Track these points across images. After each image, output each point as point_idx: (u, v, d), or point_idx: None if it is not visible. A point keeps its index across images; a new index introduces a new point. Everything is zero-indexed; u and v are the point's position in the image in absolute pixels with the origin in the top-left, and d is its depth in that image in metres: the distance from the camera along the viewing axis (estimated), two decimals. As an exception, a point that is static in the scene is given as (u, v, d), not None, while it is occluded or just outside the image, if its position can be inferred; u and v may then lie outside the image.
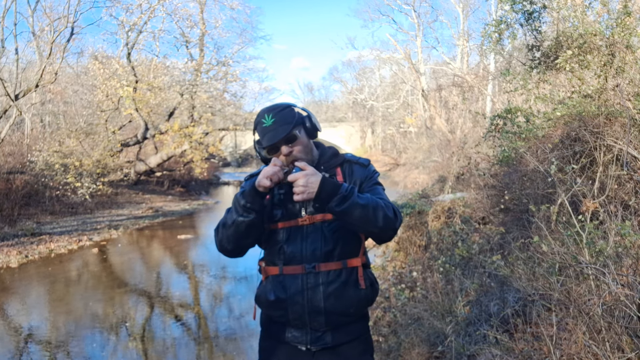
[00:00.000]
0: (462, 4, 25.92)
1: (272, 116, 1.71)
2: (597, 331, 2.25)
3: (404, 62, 28.12)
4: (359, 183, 1.81)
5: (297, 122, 1.75)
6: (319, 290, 1.72)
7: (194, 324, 6.35)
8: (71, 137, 16.57)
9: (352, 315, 1.78)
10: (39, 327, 5.98)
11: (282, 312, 1.78)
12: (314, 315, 1.73)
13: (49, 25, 14.28)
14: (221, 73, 21.00)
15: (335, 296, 1.73)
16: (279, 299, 1.77)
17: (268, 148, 1.73)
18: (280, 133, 1.69)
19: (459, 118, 16.60)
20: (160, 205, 17.92)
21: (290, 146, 1.73)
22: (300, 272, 1.74)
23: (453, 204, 7.64)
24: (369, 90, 43.20)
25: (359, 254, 1.80)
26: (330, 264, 1.74)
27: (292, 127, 1.71)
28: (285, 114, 1.74)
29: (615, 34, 4.88)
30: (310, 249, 1.74)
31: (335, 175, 1.81)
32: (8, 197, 12.83)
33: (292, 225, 1.77)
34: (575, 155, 4.30)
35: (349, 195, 1.57)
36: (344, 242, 1.75)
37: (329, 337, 1.76)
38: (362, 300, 1.78)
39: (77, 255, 10.09)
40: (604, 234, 2.96)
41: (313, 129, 1.79)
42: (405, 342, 3.85)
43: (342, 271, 1.75)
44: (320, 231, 1.75)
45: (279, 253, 1.79)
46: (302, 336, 1.77)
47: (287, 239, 1.77)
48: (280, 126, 1.70)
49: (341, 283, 1.74)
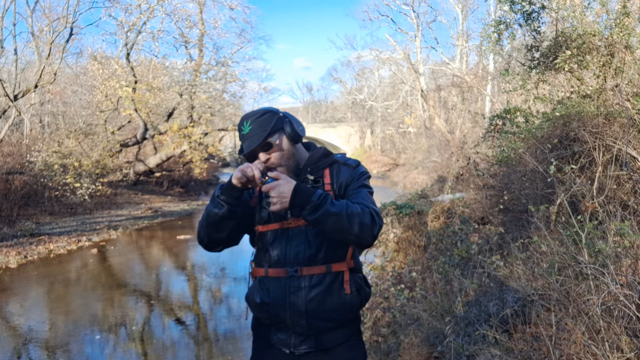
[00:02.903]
0: (461, 4, 25.94)
1: (250, 123, 1.71)
2: (596, 331, 2.25)
3: (403, 62, 28.14)
4: (344, 185, 1.78)
5: (275, 128, 1.72)
6: (300, 294, 1.71)
7: (193, 324, 6.35)
8: (70, 138, 16.56)
9: (336, 321, 1.76)
10: (38, 327, 5.97)
11: (266, 315, 1.78)
12: (296, 319, 1.72)
13: (48, 25, 14.29)
14: (220, 73, 20.98)
15: (318, 301, 1.71)
16: (263, 301, 1.77)
17: (247, 155, 1.73)
18: (255, 141, 1.69)
19: (458, 118, 16.60)
20: (159, 205, 17.91)
21: (267, 153, 1.72)
22: (283, 275, 1.73)
23: (452, 204, 7.64)
24: (368, 90, 43.22)
25: (346, 258, 1.77)
26: (313, 267, 1.72)
27: (267, 134, 1.70)
28: (263, 120, 1.72)
29: (614, 34, 4.88)
30: (294, 252, 1.73)
31: (322, 178, 1.79)
32: (7, 197, 12.82)
33: (279, 228, 1.76)
34: (574, 155, 4.30)
35: (321, 204, 1.55)
36: (328, 246, 1.73)
37: (312, 342, 1.75)
38: (346, 305, 1.75)
39: (76, 255, 10.08)
40: (603, 234, 2.96)
41: (294, 134, 1.75)
42: (405, 343, 3.85)
43: (325, 276, 1.73)
44: (304, 235, 1.73)
45: (265, 255, 1.79)
46: (286, 339, 1.77)
47: (273, 241, 1.76)
48: (257, 134, 1.70)
49: (324, 288, 1.72)
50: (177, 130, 18.54)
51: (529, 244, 3.51)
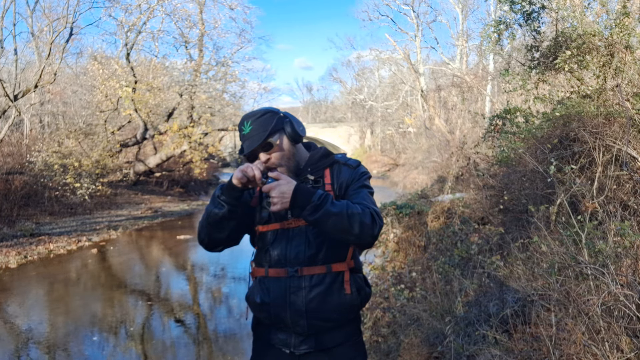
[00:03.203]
0: (461, 4, 25.94)
1: (251, 123, 1.71)
2: (596, 331, 2.25)
3: (403, 62, 28.15)
4: (345, 185, 1.78)
5: (275, 128, 1.72)
6: (301, 294, 1.71)
7: (193, 324, 6.35)
8: (70, 138, 16.56)
9: (336, 321, 1.76)
10: (38, 327, 5.97)
11: (266, 315, 1.78)
12: (296, 319, 1.72)
13: (48, 25, 14.29)
14: (220, 73, 20.99)
15: (318, 301, 1.71)
16: (264, 301, 1.77)
17: (247, 155, 1.74)
18: (256, 141, 1.69)
19: (458, 118, 16.59)
20: (159, 205, 17.91)
21: (268, 153, 1.72)
22: (283, 275, 1.73)
23: (452, 204, 7.65)
24: (368, 90, 43.23)
25: (346, 258, 1.77)
26: (313, 267, 1.72)
27: (268, 134, 1.70)
28: (264, 120, 1.72)
29: (614, 35, 4.88)
30: (294, 252, 1.73)
31: (322, 178, 1.79)
32: (7, 197, 12.82)
33: (279, 228, 1.76)
34: (574, 155, 4.30)
35: (322, 204, 1.55)
36: (328, 246, 1.73)
37: (312, 342, 1.75)
38: (346, 305, 1.75)
39: (76, 255, 10.08)
40: (603, 234, 2.96)
41: (294, 134, 1.75)
42: (405, 343, 3.85)
43: (326, 276, 1.73)
44: (304, 235, 1.73)
45: (265, 255, 1.79)
46: (286, 339, 1.77)
47: (274, 241, 1.76)
48: (257, 134, 1.70)
49: (324, 288, 1.72)
50: (177, 130, 18.54)
51: (529, 244, 3.51)
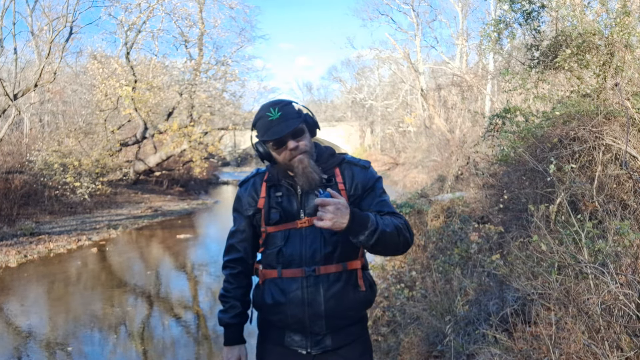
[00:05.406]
0: (461, 3, 25.92)
1: (279, 110, 1.68)
2: (596, 330, 2.25)
3: (403, 61, 28.12)
4: (360, 187, 1.77)
5: (302, 117, 1.73)
6: (319, 293, 1.70)
7: (193, 323, 6.35)
8: (70, 137, 16.56)
9: (351, 318, 1.77)
10: (38, 326, 5.97)
11: (280, 317, 1.75)
12: (315, 319, 1.70)
13: (48, 24, 14.28)
14: (220, 72, 20.97)
15: (336, 299, 1.70)
16: (278, 302, 1.73)
17: (274, 141, 1.69)
18: (289, 126, 1.66)
19: (458, 117, 16.60)
20: (159, 204, 17.90)
21: (297, 140, 1.69)
22: (300, 275, 1.71)
23: (452, 203, 7.65)
24: (368, 89, 43.22)
25: (359, 255, 1.78)
26: (330, 266, 1.71)
27: (300, 121, 1.70)
28: (290, 108, 1.72)
29: (614, 34, 4.88)
30: (310, 251, 1.71)
31: (334, 177, 1.77)
32: (7, 196, 12.81)
33: (291, 228, 1.74)
34: (574, 154, 4.30)
35: (377, 227, 1.56)
36: (343, 244, 1.71)
37: (329, 341, 1.74)
38: (361, 302, 1.77)
39: (76, 254, 10.08)
40: (603, 233, 2.96)
41: (314, 125, 1.78)
42: (405, 342, 3.86)
43: (342, 274, 1.72)
44: (319, 233, 1.70)
45: (277, 256, 1.75)
46: (302, 340, 1.75)
47: (286, 241, 1.74)
48: (289, 119, 1.67)
49: (341, 286, 1.72)
50: (177, 130, 18.53)
51: (529, 243, 3.51)
